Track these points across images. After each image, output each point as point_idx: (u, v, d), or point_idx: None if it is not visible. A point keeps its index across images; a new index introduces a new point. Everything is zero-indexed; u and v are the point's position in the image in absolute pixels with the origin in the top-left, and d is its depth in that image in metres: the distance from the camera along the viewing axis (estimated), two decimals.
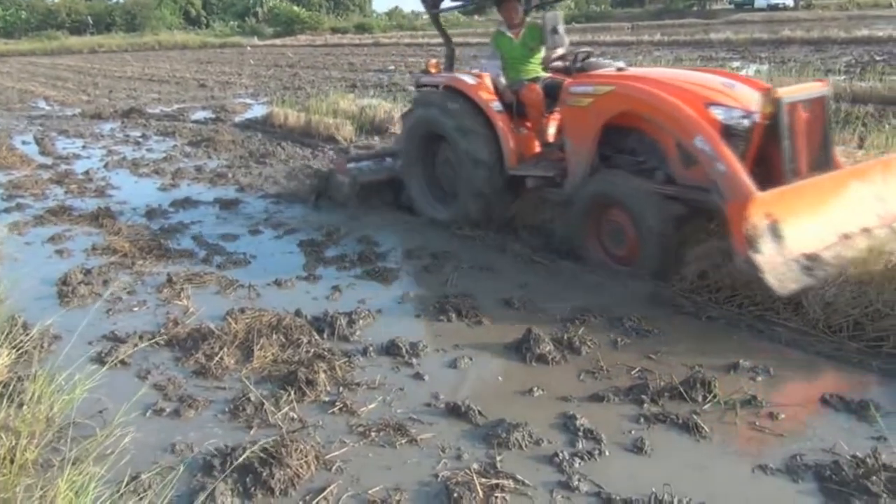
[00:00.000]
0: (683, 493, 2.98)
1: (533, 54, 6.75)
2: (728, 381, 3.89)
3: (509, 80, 6.70)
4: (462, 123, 6.50)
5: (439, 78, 7.02)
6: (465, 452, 3.36)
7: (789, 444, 3.35)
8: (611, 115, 5.51)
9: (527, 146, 6.56)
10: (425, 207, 7.15)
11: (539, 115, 6.44)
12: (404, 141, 7.38)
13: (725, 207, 4.60)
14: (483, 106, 6.47)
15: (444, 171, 7.03)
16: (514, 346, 4.41)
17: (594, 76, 5.81)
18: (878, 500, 2.94)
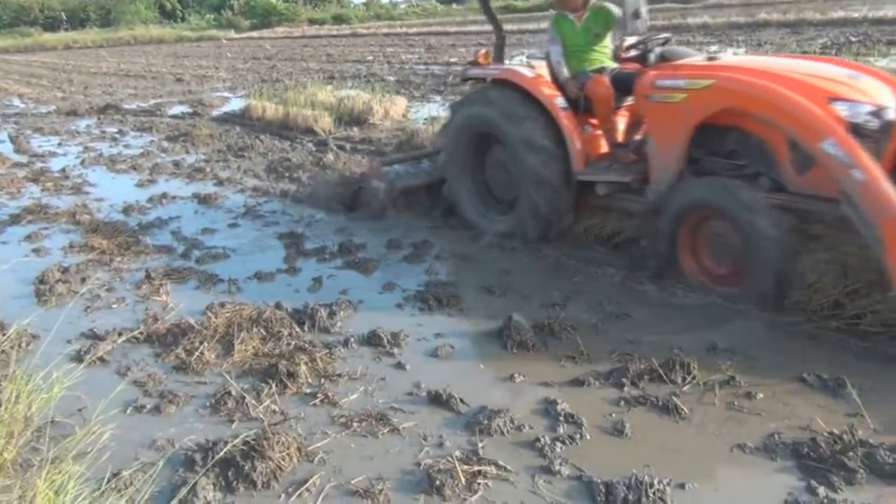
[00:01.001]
0: (663, 474, 3.00)
1: (598, 41, 5.93)
2: (706, 362, 3.92)
3: (572, 70, 5.89)
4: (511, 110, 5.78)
5: (491, 70, 6.25)
6: (447, 440, 3.37)
7: (767, 423, 3.39)
8: (709, 113, 4.78)
9: (593, 147, 5.83)
10: (474, 217, 6.39)
11: (608, 111, 5.68)
12: (449, 142, 6.52)
13: (877, 226, 3.90)
14: (546, 102, 5.69)
15: (496, 176, 6.25)
16: (494, 334, 4.42)
17: (686, 67, 5.07)
18: (855, 476, 2.98)
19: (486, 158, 6.30)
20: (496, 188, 6.32)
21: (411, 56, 26.51)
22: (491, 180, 6.34)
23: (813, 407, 3.49)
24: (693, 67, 5.05)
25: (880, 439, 3.18)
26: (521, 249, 5.80)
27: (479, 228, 6.27)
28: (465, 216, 6.48)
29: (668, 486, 2.93)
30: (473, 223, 6.37)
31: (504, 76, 5.99)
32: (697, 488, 2.97)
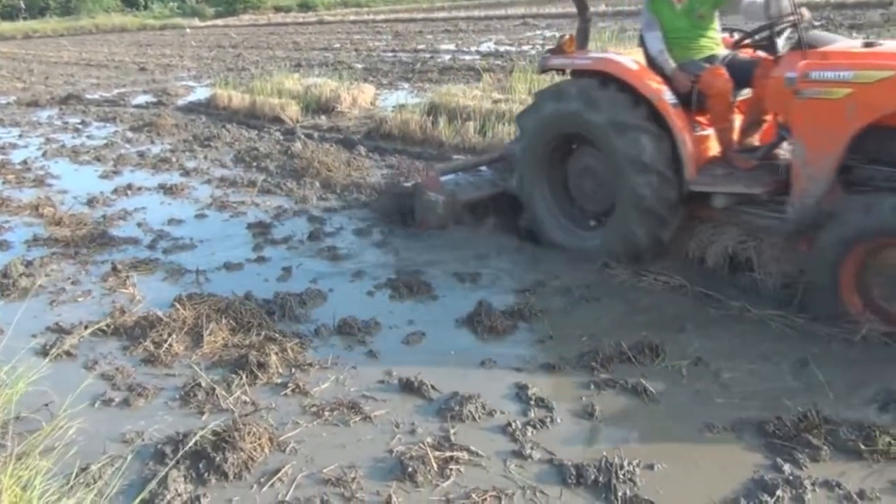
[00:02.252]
0: (633, 455, 3.04)
1: (704, 24, 5.10)
2: (675, 344, 3.98)
3: (677, 59, 5.02)
4: (618, 118, 4.83)
5: (582, 59, 5.27)
6: (419, 427, 3.38)
7: (734, 403, 3.44)
8: (884, 113, 3.93)
9: (703, 150, 4.96)
10: (555, 233, 5.49)
11: (727, 107, 4.86)
12: (525, 146, 5.56)
13: None
14: (653, 99, 4.81)
15: (583, 185, 5.38)
16: (465, 320, 4.43)
17: (849, 56, 4.21)
18: (820, 453, 3.04)
19: (569, 163, 5.45)
20: (582, 198, 5.42)
21: (379, 43, 26.35)
22: (575, 189, 5.45)
23: (778, 386, 3.55)
24: (860, 56, 4.18)
25: (843, 416, 3.25)
26: (491, 235, 5.80)
27: (559, 246, 5.42)
28: (542, 232, 5.55)
29: (637, 467, 2.97)
30: (553, 240, 5.48)
31: (601, 67, 5.03)
32: (667, 469, 3.01)
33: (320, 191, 7.59)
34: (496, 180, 6.25)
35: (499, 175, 6.27)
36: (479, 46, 21.91)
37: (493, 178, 6.31)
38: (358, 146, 9.44)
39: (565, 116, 5.16)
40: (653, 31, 5.09)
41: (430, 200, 5.93)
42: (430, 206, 5.92)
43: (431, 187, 5.97)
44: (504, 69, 14.41)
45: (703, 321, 4.23)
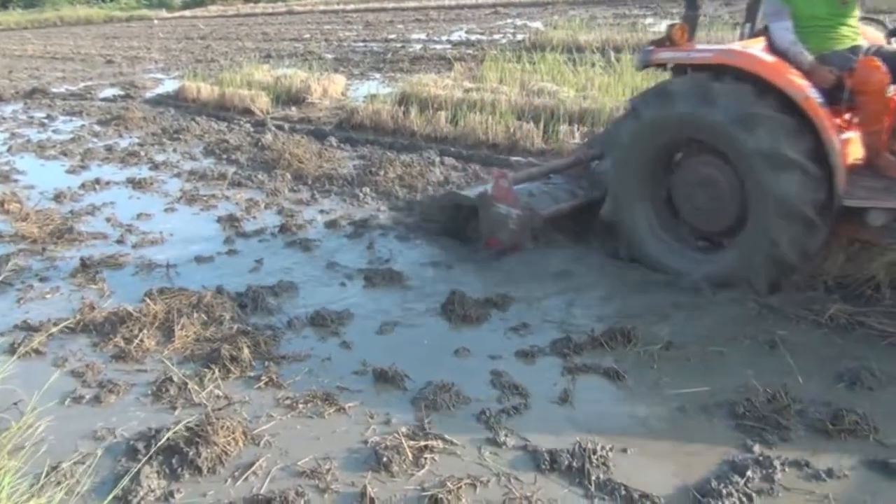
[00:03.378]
0: (607, 440, 3.07)
1: (847, 11, 4.52)
2: (646, 329, 4.01)
3: (813, 51, 4.41)
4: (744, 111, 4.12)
5: (701, 53, 4.50)
6: (394, 417, 3.38)
7: (705, 385, 3.48)
8: None
9: (848, 156, 4.30)
10: (665, 259, 4.70)
11: (883, 106, 4.21)
12: (619, 162, 4.83)
13: None
14: (797, 97, 4.10)
15: (697, 200, 4.59)
16: (439, 309, 4.43)
17: None
18: (789, 433, 3.09)
19: (673, 177, 4.75)
20: (692, 216, 4.68)
21: (349, 33, 26.14)
22: (684, 205, 4.69)
23: (748, 368, 3.60)
24: None
25: (812, 396, 3.30)
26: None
27: (665, 269, 4.65)
28: (648, 260, 4.77)
29: (610, 452, 3.00)
30: (655, 262, 4.72)
31: (730, 60, 4.30)
32: (640, 452, 3.04)
33: (292, 182, 7.54)
34: (574, 190, 5.45)
35: (574, 183, 5.53)
36: (450, 35, 21.83)
37: (569, 187, 5.49)
38: (329, 137, 9.39)
39: (674, 120, 4.44)
40: (781, 21, 4.52)
41: (501, 214, 5.11)
42: (501, 221, 5.11)
43: (504, 199, 5.13)
44: (475, 58, 14.39)
45: (673, 305, 4.26)
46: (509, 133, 8.39)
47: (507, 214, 5.08)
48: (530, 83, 10.30)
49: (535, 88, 9.90)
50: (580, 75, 10.30)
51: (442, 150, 8.30)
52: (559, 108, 8.74)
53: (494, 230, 5.16)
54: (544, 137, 8.19)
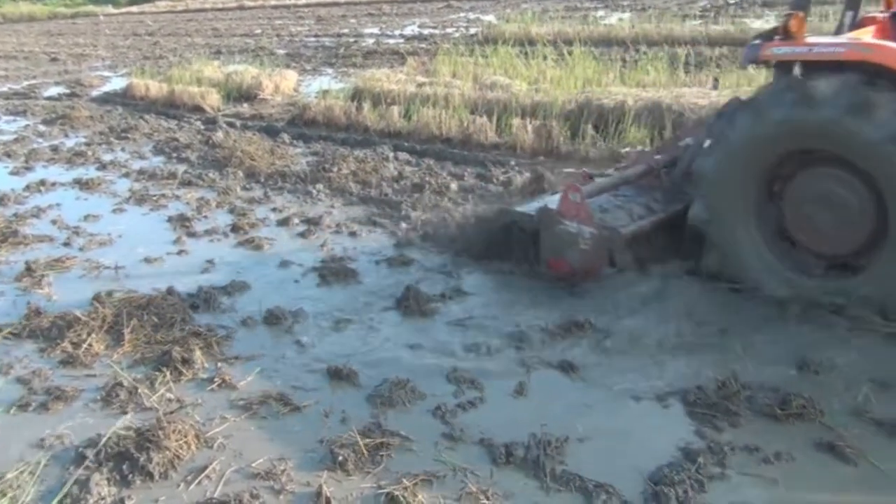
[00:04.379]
0: (561, 430, 3.10)
1: None
2: (601, 320, 4.04)
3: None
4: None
5: (825, 48, 3.91)
6: (350, 415, 3.36)
7: (658, 373, 3.54)
8: None
9: None
10: (773, 284, 4.09)
11: None
12: (724, 165, 4.16)
13: None
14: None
15: (815, 220, 4.03)
16: (394, 305, 4.42)
17: None
18: (739, 419, 3.14)
19: (787, 191, 4.13)
20: (810, 237, 4.09)
21: (301, 28, 25.87)
22: (798, 225, 4.11)
23: (700, 356, 3.65)
24: None
25: (760, 382, 3.36)
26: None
27: (772, 294, 4.06)
28: (750, 281, 4.17)
29: (565, 443, 3.02)
30: (768, 291, 4.08)
31: (870, 56, 3.72)
32: (594, 442, 3.07)
33: (243, 180, 7.44)
34: (649, 203, 4.75)
35: (648, 195, 4.85)
36: (402, 30, 21.75)
37: (643, 200, 4.80)
38: (281, 134, 9.29)
39: (812, 128, 3.82)
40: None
41: (570, 233, 4.40)
42: (570, 241, 4.41)
43: (574, 215, 4.41)
44: (428, 52, 14.36)
45: (627, 295, 4.30)
46: (463, 127, 8.40)
47: (577, 233, 4.37)
48: (483, 77, 10.32)
49: (488, 82, 9.91)
50: (532, 68, 10.35)
51: (395, 145, 8.29)
52: (512, 101, 8.78)
53: (560, 251, 4.47)
54: (497, 131, 8.22)
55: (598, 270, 4.39)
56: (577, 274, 4.41)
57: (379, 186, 6.80)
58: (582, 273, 4.40)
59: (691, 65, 10.25)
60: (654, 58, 10.56)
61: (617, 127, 7.65)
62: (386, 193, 6.61)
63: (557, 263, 4.49)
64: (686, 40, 12.98)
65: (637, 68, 10.12)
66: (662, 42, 13.54)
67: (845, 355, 3.53)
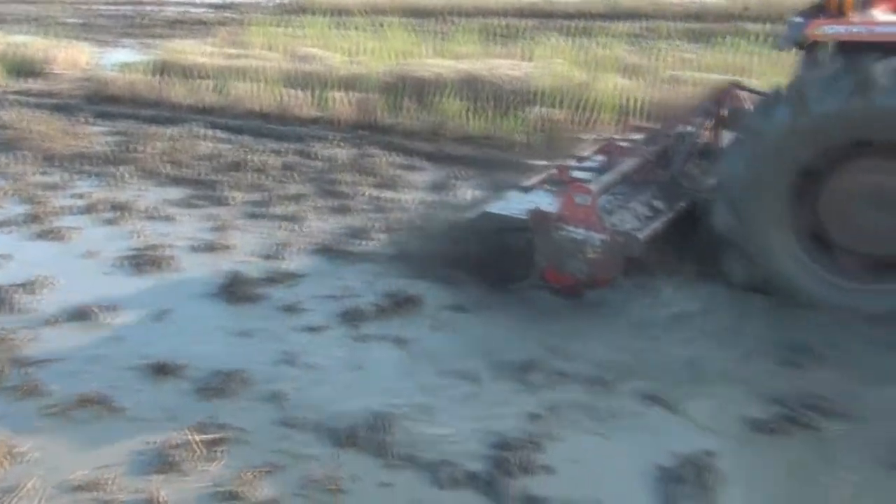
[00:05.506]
0: (402, 407, 3.11)
1: None
2: (434, 294, 4.08)
3: None
4: None
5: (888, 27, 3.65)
6: (180, 412, 3.17)
7: (485, 342, 3.64)
8: None
9: None
10: (815, 289, 3.79)
11: None
12: (761, 153, 3.75)
13: None
14: None
15: (857, 219, 3.76)
16: (220, 292, 4.22)
17: None
18: (569, 379, 3.30)
19: (823, 189, 3.82)
20: (850, 237, 3.81)
21: None
22: (837, 225, 3.82)
23: (499, 321, 3.82)
24: None
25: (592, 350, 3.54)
26: (232, 202, 5.52)
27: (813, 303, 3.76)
28: (790, 288, 3.83)
29: (406, 420, 3.03)
30: (810, 297, 3.78)
31: None
32: (433, 417, 3.09)
33: (39, 164, 6.78)
34: (650, 201, 4.38)
35: (648, 192, 4.44)
36: None
37: (644, 198, 4.40)
38: (79, 111, 8.58)
39: (870, 117, 3.50)
40: None
41: (575, 241, 3.91)
42: (574, 249, 3.91)
43: (580, 220, 3.90)
44: (238, 22, 13.77)
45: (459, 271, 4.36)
46: (279, 101, 8.17)
47: (584, 241, 3.88)
48: (298, 49, 10.06)
49: (303, 54, 9.69)
50: (348, 40, 10.21)
51: (209, 122, 7.91)
52: (329, 74, 8.62)
53: (562, 262, 3.96)
54: (316, 105, 8.05)
55: (609, 281, 3.96)
56: (584, 286, 3.98)
57: (193, 166, 6.46)
58: (588, 285, 3.97)
59: (504, 36, 10.54)
60: (467, 29, 10.74)
61: (435, 99, 7.73)
62: (201, 173, 6.28)
63: (559, 276, 3.99)
64: (498, 11, 13.33)
65: (451, 40, 10.26)
66: (475, 13, 13.82)
67: None
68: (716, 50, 9.24)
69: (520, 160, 6.54)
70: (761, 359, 3.44)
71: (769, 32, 10.03)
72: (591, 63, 8.50)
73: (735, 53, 8.91)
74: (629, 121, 6.31)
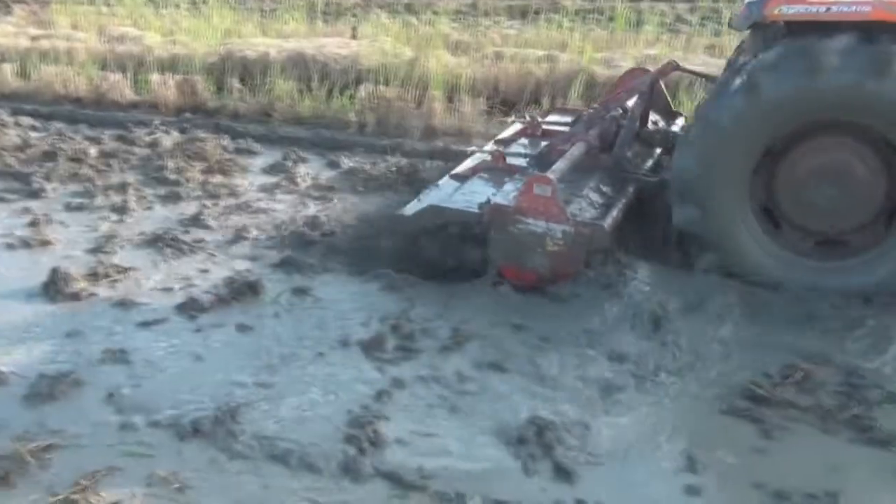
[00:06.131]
0: (247, 394, 3.08)
1: None
2: (275, 279, 4.05)
3: None
4: None
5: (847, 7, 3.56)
6: (4, 421, 2.94)
7: (329, 322, 3.66)
8: None
9: None
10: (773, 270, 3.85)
11: None
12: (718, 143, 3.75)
13: None
14: None
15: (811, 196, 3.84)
16: (41, 291, 3.94)
17: None
18: (419, 354, 3.39)
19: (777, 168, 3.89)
20: (802, 214, 3.91)
21: None
22: (790, 203, 3.91)
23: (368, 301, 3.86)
24: None
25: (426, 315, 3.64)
26: (43, 187, 5.18)
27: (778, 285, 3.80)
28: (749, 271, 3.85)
29: (251, 407, 2.99)
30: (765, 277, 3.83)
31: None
32: (281, 401, 3.07)
33: None
34: (598, 186, 4.32)
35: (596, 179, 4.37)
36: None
37: (593, 184, 4.33)
38: None
39: (825, 97, 3.56)
40: None
41: (535, 234, 3.80)
42: (536, 243, 3.81)
43: (540, 211, 3.78)
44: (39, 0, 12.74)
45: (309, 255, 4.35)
46: (94, 85, 7.69)
47: (544, 234, 3.78)
48: (109, 28, 9.48)
49: (117, 34, 9.15)
50: (165, 18, 9.73)
51: (14, 109, 7.31)
52: (147, 55, 8.21)
53: (522, 257, 3.85)
54: (135, 88, 7.64)
55: (571, 275, 3.80)
56: (544, 281, 3.84)
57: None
58: (551, 279, 3.83)
59: (330, 14, 10.44)
60: (291, 6, 10.54)
61: (263, 79, 7.55)
62: (10, 164, 5.80)
63: (518, 272, 3.88)
64: None
65: (276, 18, 10.03)
66: None
67: None
68: (536, 26, 9.61)
69: (354, 139, 6.59)
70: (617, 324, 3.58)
71: (583, 9, 10.57)
72: (418, 40, 8.60)
73: (557, 29, 9.31)
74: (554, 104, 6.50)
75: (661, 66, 4.79)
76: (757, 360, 3.35)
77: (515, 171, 4.49)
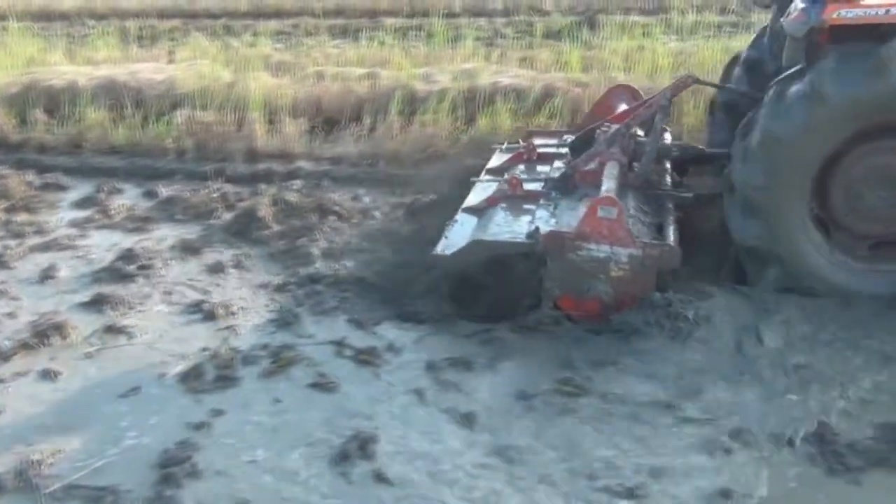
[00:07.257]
0: (47, 439, 2.95)
1: None
2: (86, 319, 3.88)
3: None
4: None
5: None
6: None
7: (143, 359, 3.56)
8: None
9: None
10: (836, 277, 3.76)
11: None
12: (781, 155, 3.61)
13: None
14: None
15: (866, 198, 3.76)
16: None
17: None
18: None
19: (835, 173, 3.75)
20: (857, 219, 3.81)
21: None
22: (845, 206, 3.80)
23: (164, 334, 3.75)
24: None
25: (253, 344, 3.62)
26: None
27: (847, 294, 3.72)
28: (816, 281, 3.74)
29: (52, 455, 2.86)
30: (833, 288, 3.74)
31: None
32: (86, 441, 2.96)
33: None
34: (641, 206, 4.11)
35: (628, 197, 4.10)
36: None
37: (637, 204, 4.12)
38: None
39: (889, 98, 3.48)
40: None
41: (598, 259, 3.55)
42: (598, 270, 3.56)
43: (604, 235, 3.53)
44: None
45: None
46: None
47: (608, 258, 3.53)
48: None
49: None
50: None
51: None
52: None
53: (583, 286, 3.60)
54: None
55: (637, 300, 3.57)
56: (608, 309, 3.59)
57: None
58: (615, 307, 3.58)
59: (145, 38, 10.09)
60: (103, 32, 10.10)
61: (72, 109, 7.19)
62: None
63: (579, 302, 3.62)
64: (136, 13, 12.64)
65: (87, 44, 9.58)
66: (110, 15, 12.96)
67: None
68: (358, 45, 9.70)
69: (173, 167, 6.39)
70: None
71: (404, 27, 10.79)
72: (238, 62, 8.47)
73: (379, 46, 9.42)
74: (376, 120, 6.51)
75: (678, 80, 4.59)
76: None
77: (535, 196, 4.27)
